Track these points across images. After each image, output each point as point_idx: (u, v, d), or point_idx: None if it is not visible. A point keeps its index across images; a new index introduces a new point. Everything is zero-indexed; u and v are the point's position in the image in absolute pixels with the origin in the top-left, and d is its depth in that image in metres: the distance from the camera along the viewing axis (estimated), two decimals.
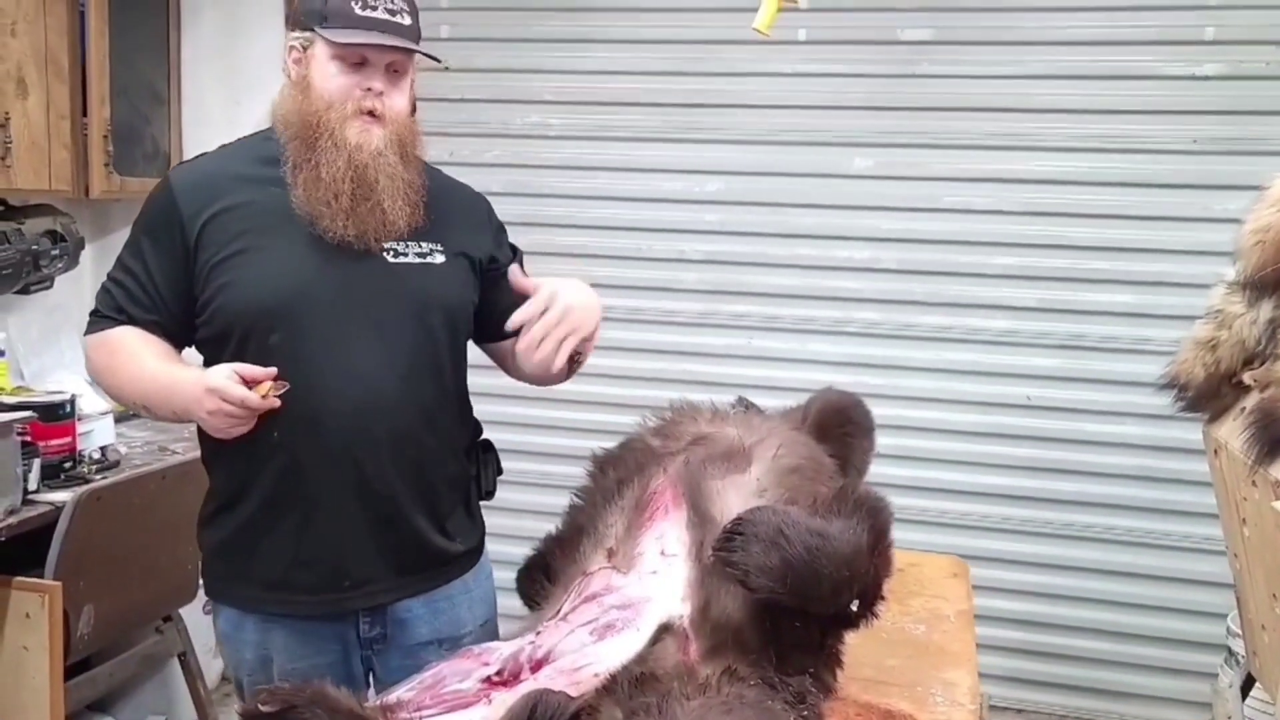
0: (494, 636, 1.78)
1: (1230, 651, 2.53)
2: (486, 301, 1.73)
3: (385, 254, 1.60)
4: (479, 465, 1.77)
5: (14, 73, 2.76)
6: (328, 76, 1.56)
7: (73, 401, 2.62)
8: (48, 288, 3.06)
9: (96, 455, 2.68)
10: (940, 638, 1.89)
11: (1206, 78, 2.82)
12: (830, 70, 3.04)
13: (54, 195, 2.99)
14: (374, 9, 1.56)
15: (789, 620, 1.18)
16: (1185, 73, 2.83)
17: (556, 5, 3.20)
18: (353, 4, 1.56)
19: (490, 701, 1.31)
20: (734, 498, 1.34)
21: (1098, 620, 3.02)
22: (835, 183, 3.07)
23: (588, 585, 1.36)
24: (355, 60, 1.57)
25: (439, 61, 1.67)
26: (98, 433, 2.73)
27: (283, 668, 1.61)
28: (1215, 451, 2.08)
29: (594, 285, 3.21)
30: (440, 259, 1.65)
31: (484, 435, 1.80)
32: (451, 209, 1.71)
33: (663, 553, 1.31)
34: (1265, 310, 1.94)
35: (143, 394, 1.59)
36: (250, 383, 1.47)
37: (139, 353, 1.59)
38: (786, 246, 3.12)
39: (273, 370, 1.49)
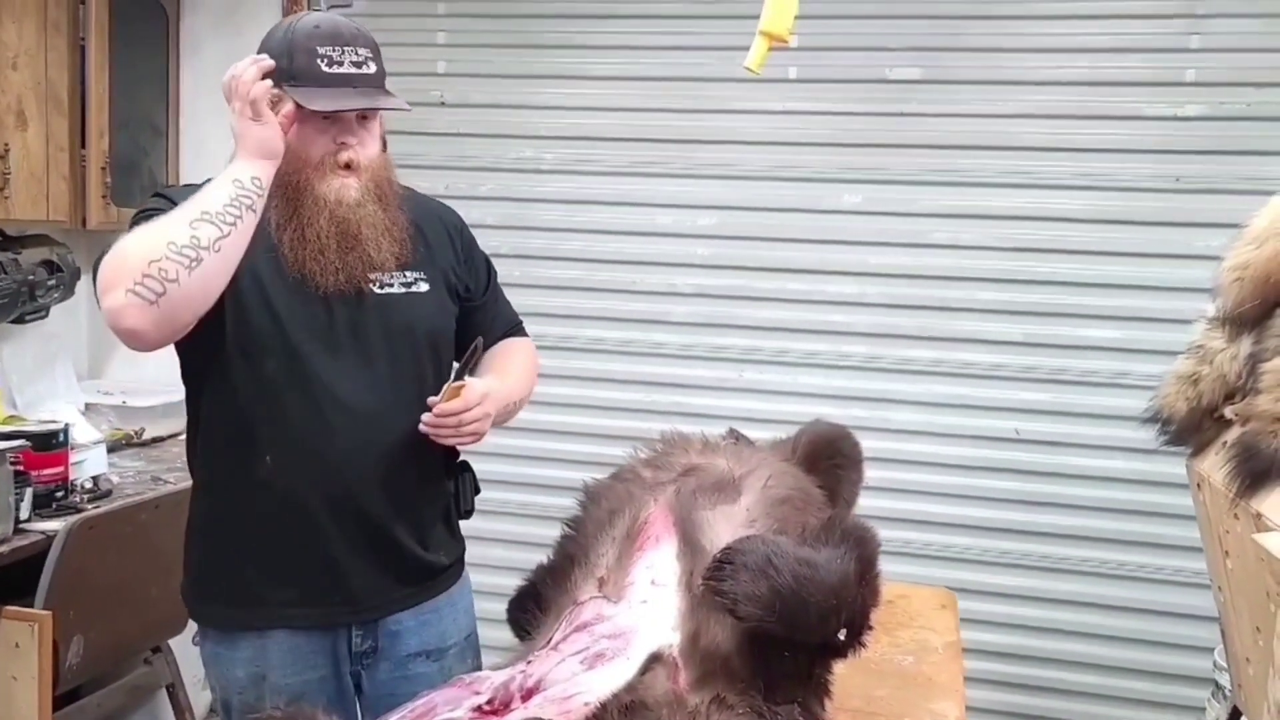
0: (476, 648, 1.87)
1: (1217, 685, 2.54)
2: (460, 328, 1.79)
3: (371, 284, 1.64)
4: (458, 484, 1.82)
5: (14, 105, 2.80)
6: (302, 136, 1.59)
7: (66, 431, 2.63)
8: (43, 317, 3.08)
9: (89, 485, 2.68)
10: (928, 669, 1.91)
11: (1188, 118, 2.87)
12: (820, 108, 3.09)
13: (51, 226, 3.02)
14: (340, 65, 1.58)
15: (778, 649, 1.19)
16: (1168, 113, 2.88)
17: (551, 43, 3.25)
18: (319, 62, 1.57)
19: None
20: (724, 528, 1.36)
21: (1085, 654, 3.03)
22: (825, 218, 3.11)
23: (578, 614, 1.38)
24: (326, 116, 1.59)
25: (408, 109, 1.68)
26: (90, 462, 2.74)
27: (274, 684, 1.63)
28: (1198, 485, 2.11)
29: (585, 317, 3.30)
30: (425, 287, 1.71)
31: (463, 458, 1.84)
32: (429, 233, 1.76)
33: (653, 582, 1.33)
34: (1245, 345, 1.98)
35: (195, 215, 1.49)
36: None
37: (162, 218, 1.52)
38: (776, 280, 3.15)
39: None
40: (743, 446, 1.63)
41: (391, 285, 1.67)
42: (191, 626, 2.78)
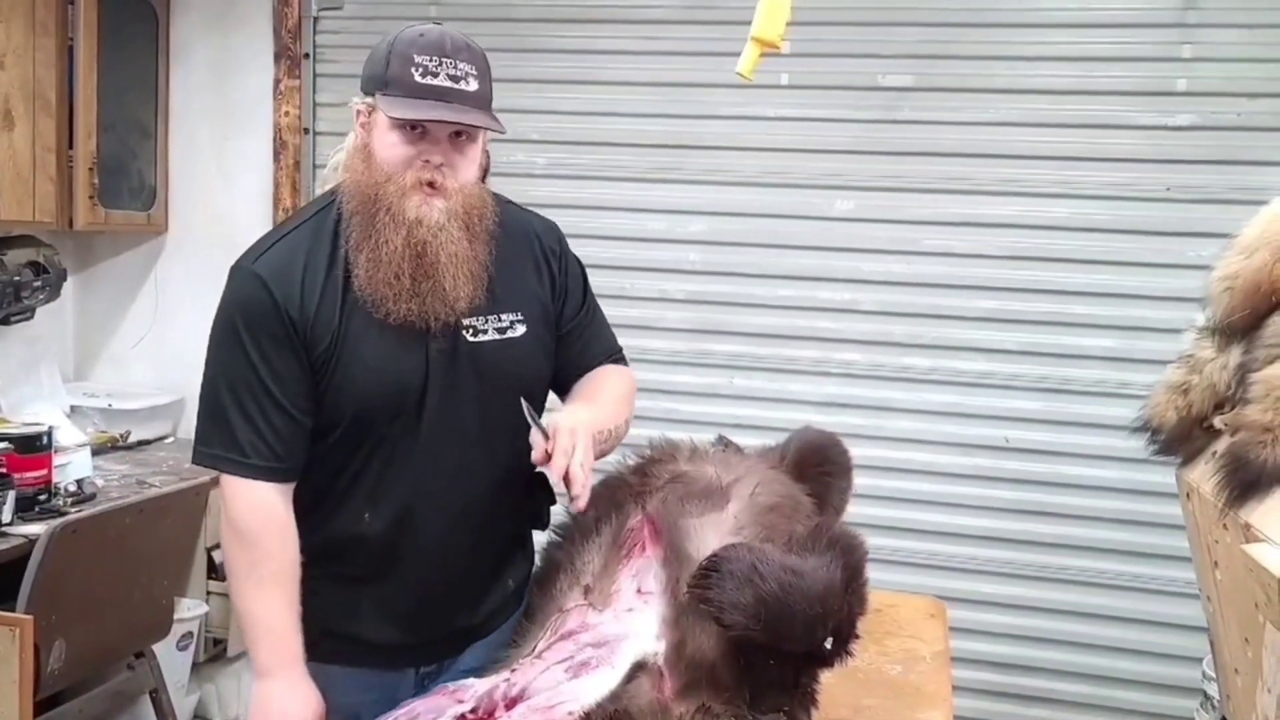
0: None
1: (1206, 695, 2.53)
2: (555, 358, 1.71)
3: (465, 332, 1.56)
4: (537, 498, 1.74)
5: (1, 105, 2.78)
6: (387, 146, 1.50)
7: (50, 433, 2.62)
8: (28, 319, 3.06)
9: (73, 488, 2.67)
10: (916, 678, 1.90)
11: (1179, 128, 2.87)
12: (812, 114, 3.08)
13: (38, 227, 3.00)
14: (435, 75, 1.47)
15: (763, 658, 1.18)
16: (1159, 123, 2.88)
17: (542, 47, 3.25)
18: (413, 70, 1.47)
19: None
20: (711, 536, 1.35)
21: (1074, 663, 3.02)
22: (817, 224, 3.10)
23: (564, 623, 1.37)
24: (416, 130, 1.49)
25: (503, 131, 1.54)
26: (74, 465, 2.72)
27: (331, 702, 1.59)
28: (1187, 495, 2.10)
29: None
30: (520, 330, 1.61)
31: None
32: (525, 257, 1.66)
33: (639, 590, 1.32)
34: (1234, 355, 1.97)
35: (239, 615, 1.54)
36: None
37: (265, 565, 1.51)
38: (768, 287, 3.14)
39: None
40: (731, 454, 1.62)
41: (486, 331, 1.58)
42: (176, 631, 2.76)
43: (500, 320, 1.59)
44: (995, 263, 3.01)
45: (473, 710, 1.34)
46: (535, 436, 1.46)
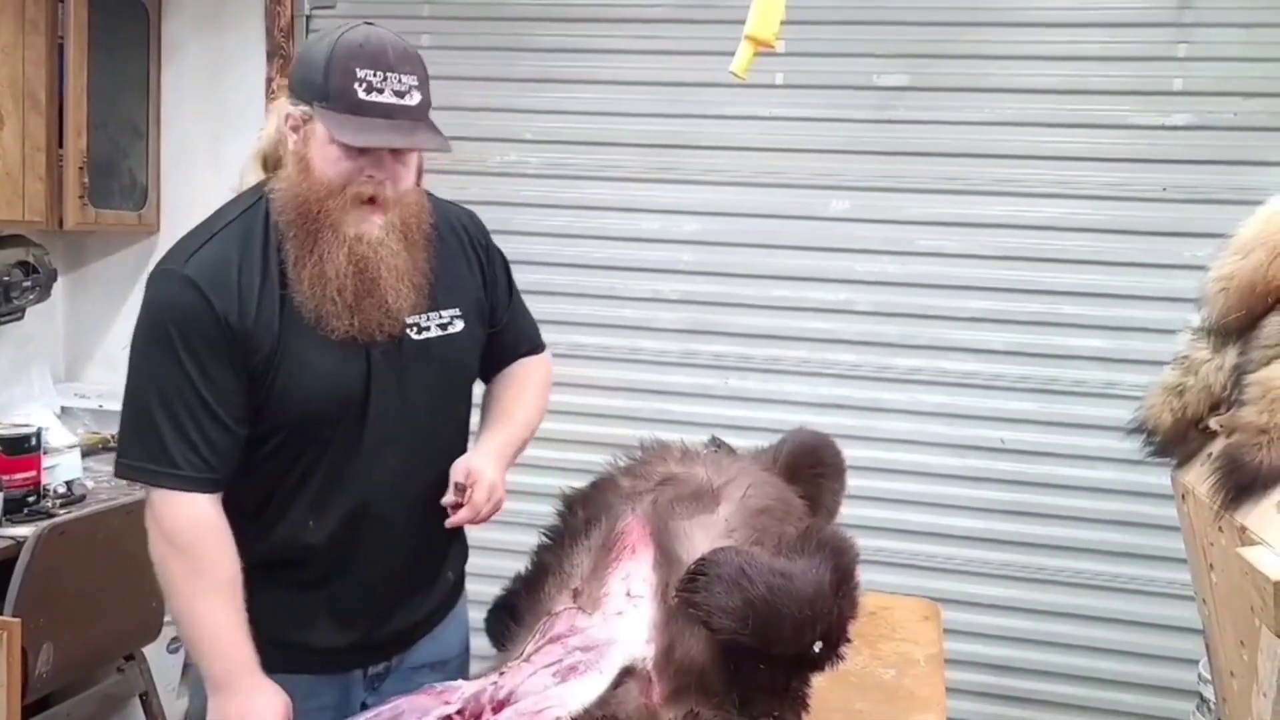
0: (468, 659, 1.82)
1: (1202, 698, 2.52)
2: (484, 352, 1.74)
3: (409, 330, 1.56)
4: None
5: None
6: (328, 160, 1.46)
7: (39, 435, 2.60)
8: (18, 319, 3.04)
9: (61, 489, 2.65)
10: (910, 682, 1.88)
11: (1175, 128, 2.86)
12: (806, 114, 3.07)
13: (27, 226, 2.98)
14: (380, 91, 1.44)
15: (753, 662, 1.17)
16: (1155, 122, 2.87)
17: (536, 46, 3.23)
18: (357, 86, 1.42)
19: None
20: (701, 538, 1.34)
21: (1068, 665, 3.01)
22: (811, 225, 3.09)
23: (552, 626, 1.36)
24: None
25: (448, 150, 1.52)
26: (63, 467, 2.71)
27: None
28: (1183, 496, 2.09)
29: (569, 323, 3.27)
30: (460, 325, 1.63)
31: None
32: (456, 253, 1.67)
33: (629, 594, 1.31)
34: (1230, 356, 1.96)
35: (184, 627, 1.48)
36: None
37: (203, 575, 1.46)
38: (762, 287, 3.13)
39: None
40: (723, 455, 1.60)
41: (429, 329, 1.59)
42: (166, 634, 2.74)
43: (441, 317, 1.60)
44: (990, 263, 2.99)
45: (459, 712, 1.32)
46: (452, 487, 1.55)
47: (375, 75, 1.44)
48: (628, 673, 1.23)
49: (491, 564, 3.04)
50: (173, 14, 3.43)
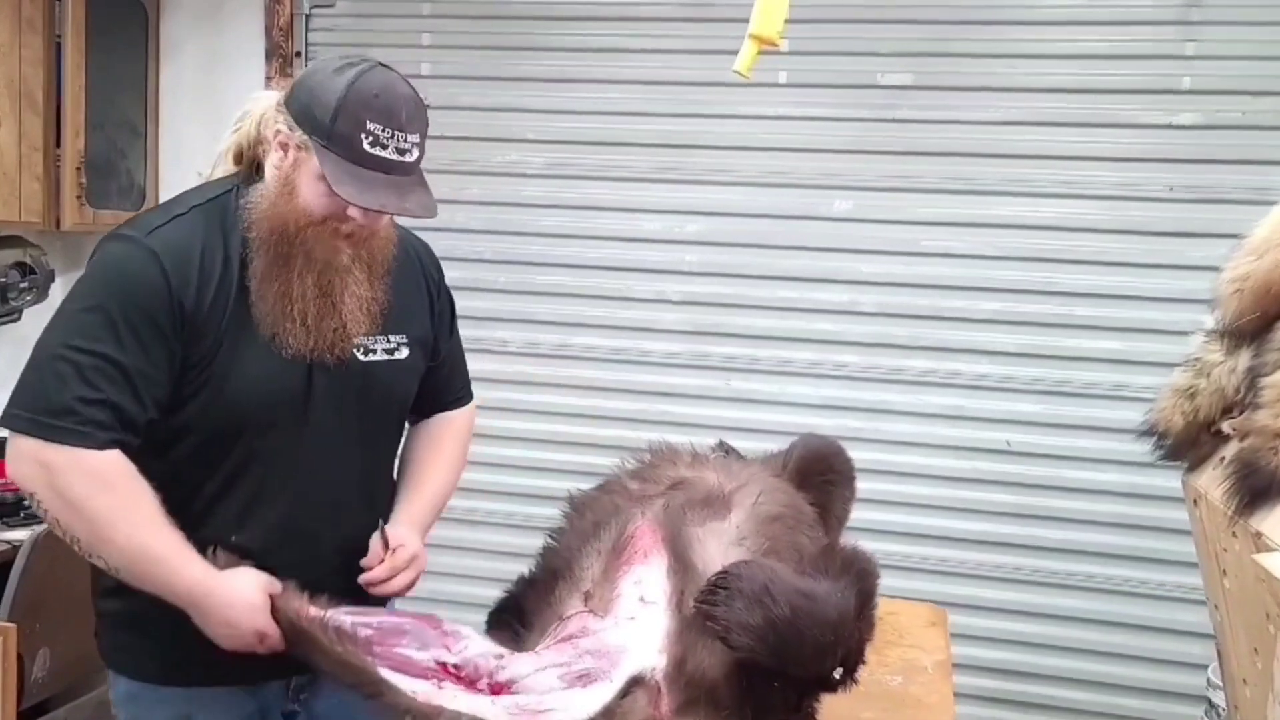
0: None
1: (1210, 703, 2.49)
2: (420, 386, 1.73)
3: (356, 351, 1.56)
4: None
5: None
6: (315, 195, 1.46)
7: None
8: (15, 320, 3.02)
9: None
10: (918, 689, 1.86)
11: (1183, 126, 2.84)
12: (810, 113, 3.04)
13: (24, 227, 2.96)
14: (384, 147, 1.44)
15: (766, 680, 1.14)
16: (1162, 121, 2.85)
17: (537, 45, 3.20)
18: (363, 138, 1.42)
19: (439, 685, 1.28)
20: (714, 546, 1.31)
21: (1076, 669, 2.98)
22: (815, 225, 3.06)
23: (563, 629, 1.32)
24: None
25: (434, 216, 1.51)
26: None
27: None
28: (1195, 501, 2.06)
29: (571, 324, 3.25)
30: (405, 353, 1.64)
31: None
32: (409, 282, 1.67)
33: (642, 599, 1.28)
34: (1244, 359, 1.93)
35: (133, 561, 1.41)
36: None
37: (141, 507, 1.41)
38: (766, 288, 3.10)
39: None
40: (733, 460, 1.57)
41: (375, 352, 1.59)
42: None
43: (389, 341, 1.61)
44: (996, 264, 2.97)
45: (455, 666, 1.29)
46: (376, 543, 1.57)
47: (384, 131, 1.44)
48: (636, 682, 1.20)
49: (483, 566, 3.08)
50: (171, 13, 3.41)
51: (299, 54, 3.35)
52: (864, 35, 3.01)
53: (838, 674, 1.19)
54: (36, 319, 3.16)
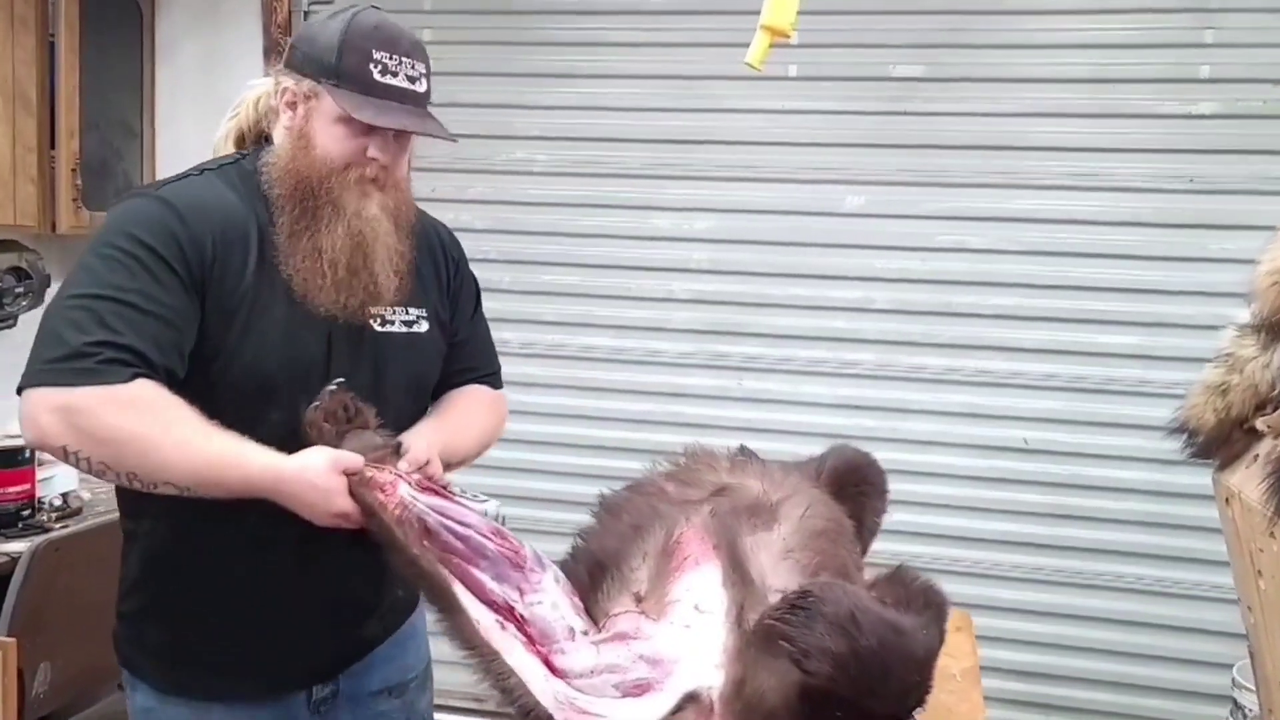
0: (431, 676, 1.74)
1: (1236, 704, 2.45)
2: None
3: (373, 321, 1.52)
4: None
5: None
6: (334, 139, 1.45)
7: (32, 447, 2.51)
8: (11, 326, 2.97)
9: (57, 502, 2.57)
10: (948, 698, 1.80)
11: (1202, 116, 2.78)
12: (821, 107, 2.99)
13: (19, 231, 2.90)
14: (394, 75, 1.45)
15: (831, 710, 1.07)
16: (1181, 111, 2.79)
17: (541, 40, 3.14)
18: (371, 67, 1.43)
19: (503, 625, 1.22)
20: (766, 558, 1.25)
21: (1099, 670, 2.93)
22: (827, 221, 3.01)
23: (615, 625, 1.27)
24: (365, 126, 1.45)
25: (454, 140, 1.54)
26: (59, 479, 2.63)
27: None
28: (1227, 500, 2.01)
29: (579, 325, 3.20)
30: (424, 326, 1.60)
31: None
32: (428, 259, 1.64)
33: (697, 607, 1.21)
34: (1278, 354, 1.88)
35: (195, 471, 1.31)
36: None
37: (187, 416, 1.31)
38: (777, 286, 3.05)
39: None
40: (772, 467, 1.51)
41: (393, 323, 1.55)
42: None
43: (408, 314, 1.57)
44: (1012, 258, 2.92)
45: (523, 618, 1.23)
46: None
47: (390, 59, 1.45)
48: (690, 699, 1.13)
49: None
50: (166, 10, 3.34)
51: None
52: (875, 27, 2.95)
53: (918, 716, 1.13)
54: (32, 325, 3.10)
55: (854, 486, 1.58)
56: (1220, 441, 1.99)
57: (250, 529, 1.42)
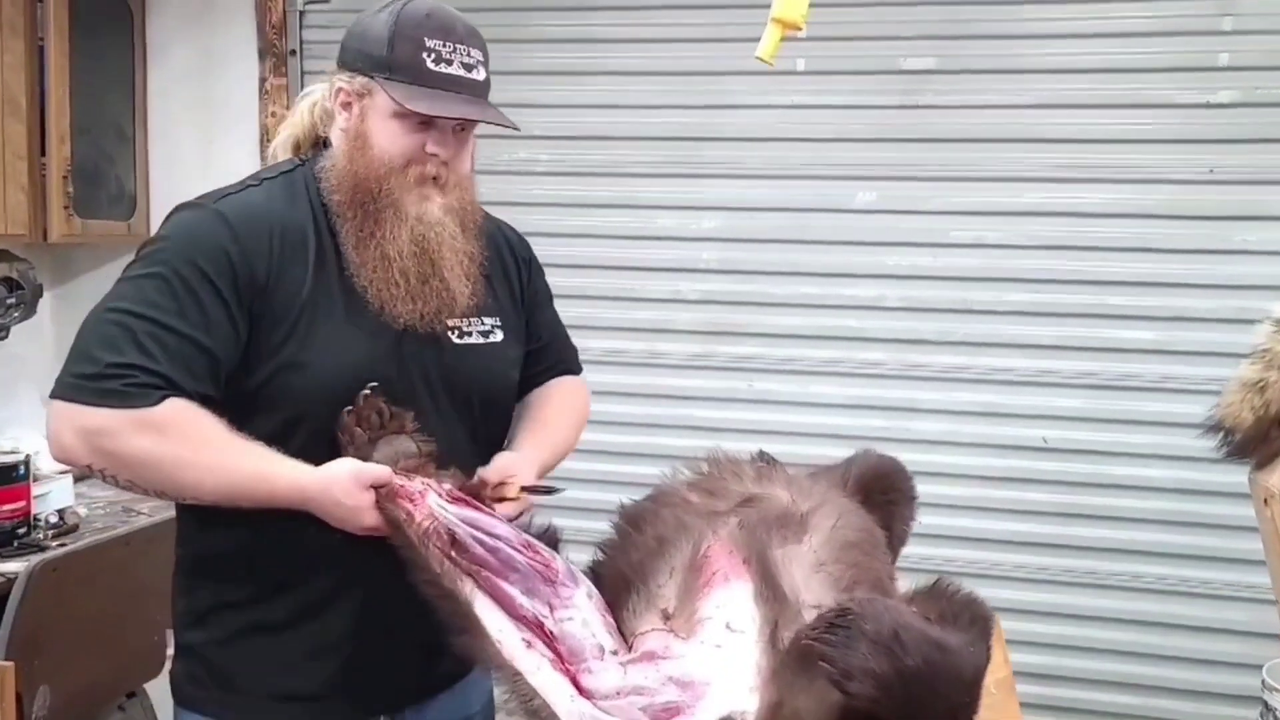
0: (493, 713, 1.66)
1: (1266, 705, 2.39)
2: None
3: (451, 333, 1.46)
4: None
5: None
6: (390, 136, 1.39)
7: (28, 462, 2.46)
8: (3, 338, 2.90)
9: (54, 519, 2.51)
10: (986, 714, 1.73)
11: (1221, 105, 2.72)
12: (830, 101, 2.93)
13: (9, 240, 2.84)
14: (449, 63, 1.39)
15: None
16: (1199, 100, 2.73)
17: (543, 37, 3.08)
18: (425, 56, 1.38)
19: (529, 643, 1.18)
20: (799, 572, 1.19)
21: (1122, 673, 2.87)
22: (837, 218, 2.95)
23: (643, 644, 1.21)
24: (422, 119, 1.39)
25: (517, 129, 1.48)
26: (55, 495, 2.56)
27: None
28: (1265, 501, 1.95)
29: (584, 327, 3.15)
30: (500, 336, 1.54)
31: None
32: (499, 265, 1.58)
33: (729, 626, 1.16)
34: None
35: (229, 489, 1.30)
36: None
37: (216, 436, 1.29)
38: (787, 285, 2.99)
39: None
40: (800, 476, 1.45)
41: (470, 335, 1.49)
42: (169, 668, 2.59)
43: (483, 324, 1.52)
44: (1028, 253, 2.85)
45: (552, 634, 1.19)
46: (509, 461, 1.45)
47: (445, 46, 1.40)
48: None
49: None
50: (158, 12, 3.28)
51: (293, 52, 3.23)
52: (884, 19, 2.89)
53: None
54: (25, 336, 3.04)
55: (882, 494, 1.52)
56: (1258, 440, 1.94)
57: (295, 520, 1.36)
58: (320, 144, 1.51)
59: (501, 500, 1.39)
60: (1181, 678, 2.84)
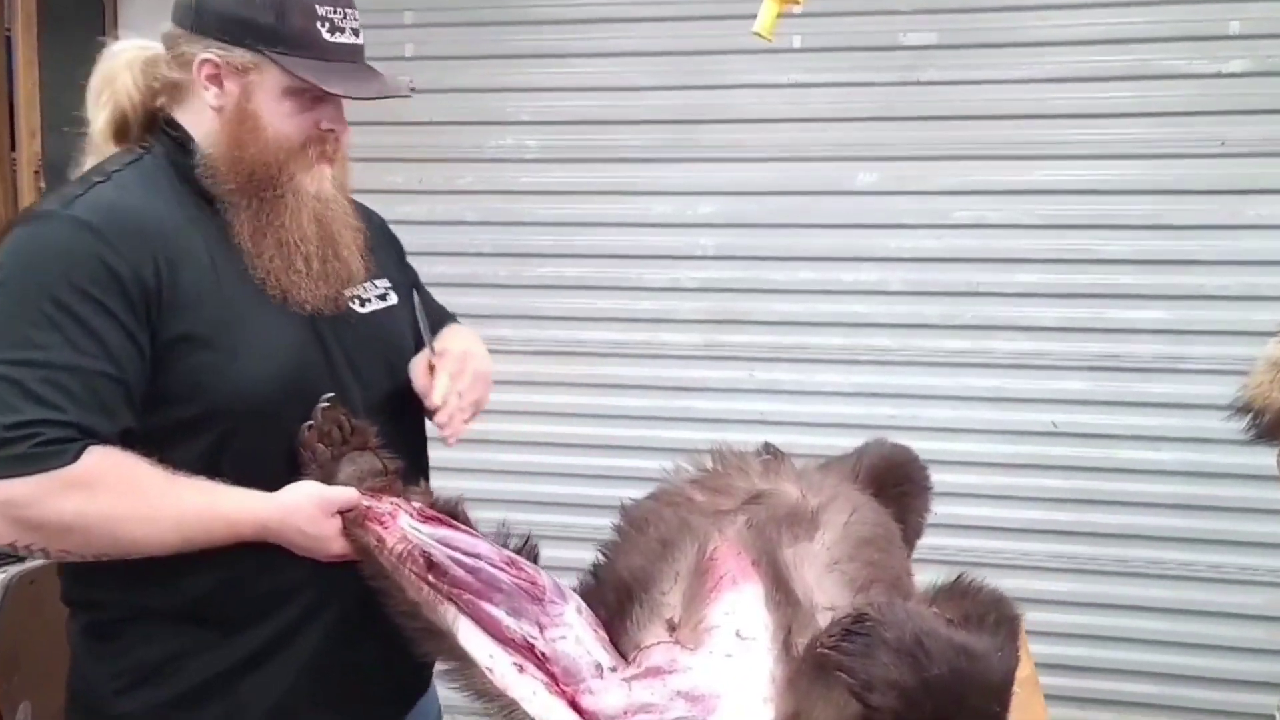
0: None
1: None
2: None
3: (353, 303, 1.39)
4: None
5: None
6: (284, 115, 1.30)
7: None
8: None
9: None
10: (1012, 714, 1.66)
11: (1233, 75, 2.64)
12: (828, 80, 2.85)
13: None
14: (342, 31, 1.31)
15: None
16: (1210, 70, 2.65)
17: (531, 18, 3.00)
18: (319, 26, 1.29)
19: (520, 668, 1.12)
20: (810, 572, 1.12)
21: (1139, 661, 2.81)
22: (838, 200, 2.88)
23: (647, 658, 1.14)
24: (316, 95, 1.31)
25: (409, 95, 1.47)
26: None
27: None
28: None
29: (580, 319, 3.08)
30: (394, 298, 1.49)
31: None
32: (369, 226, 1.50)
33: (739, 633, 1.09)
34: None
35: (178, 534, 1.19)
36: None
37: (150, 480, 1.18)
38: (788, 270, 2.92)
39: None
40: (809, 468, 1.37)
41: (370, 301, 1.43)
42: None
43: (377, 288, 1.46)
44: (1034, 232, 2.78)
45: (544, 655, 1.13)
46: (422, 356, 1.41)
47: (335, 12, 1.31)
48: None
49: None
50: (130, 1, 3.17)
51: None
52: None
53: None
54: None
55: (895, 485, 1.45)
56: None
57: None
58: (157, 122, 1.35)
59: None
60: (1200, 664, 2.77)
